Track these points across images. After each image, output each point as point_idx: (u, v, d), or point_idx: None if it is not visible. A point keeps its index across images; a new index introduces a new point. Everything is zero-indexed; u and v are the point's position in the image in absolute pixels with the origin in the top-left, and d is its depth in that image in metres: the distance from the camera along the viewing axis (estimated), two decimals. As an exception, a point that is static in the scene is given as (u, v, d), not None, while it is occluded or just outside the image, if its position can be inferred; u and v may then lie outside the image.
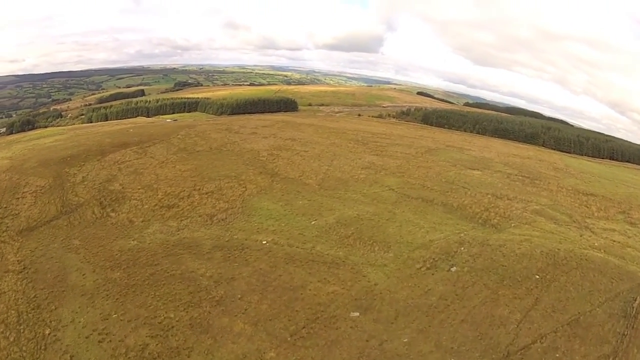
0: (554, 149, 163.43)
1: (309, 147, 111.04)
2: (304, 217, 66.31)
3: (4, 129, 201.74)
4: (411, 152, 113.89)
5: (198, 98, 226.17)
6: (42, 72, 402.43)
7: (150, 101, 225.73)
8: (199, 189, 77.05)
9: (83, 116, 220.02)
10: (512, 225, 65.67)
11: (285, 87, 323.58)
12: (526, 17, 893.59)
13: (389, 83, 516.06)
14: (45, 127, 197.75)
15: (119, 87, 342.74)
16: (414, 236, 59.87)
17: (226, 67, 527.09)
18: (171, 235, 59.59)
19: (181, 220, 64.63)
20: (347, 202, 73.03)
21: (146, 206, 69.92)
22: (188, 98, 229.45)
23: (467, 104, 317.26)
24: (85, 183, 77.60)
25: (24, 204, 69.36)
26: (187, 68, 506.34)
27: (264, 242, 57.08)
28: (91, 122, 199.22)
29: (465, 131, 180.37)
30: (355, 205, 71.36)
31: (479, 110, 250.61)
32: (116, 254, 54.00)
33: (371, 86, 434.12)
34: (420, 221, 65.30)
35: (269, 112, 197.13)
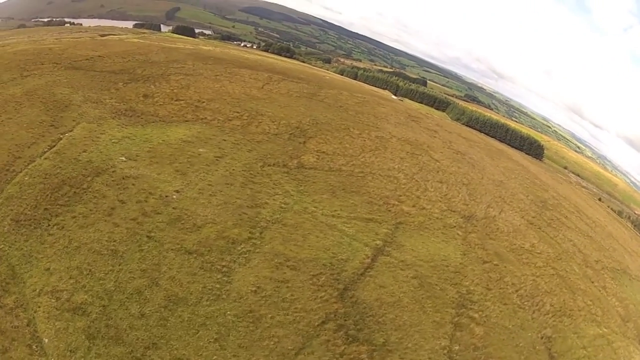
0: None
1: (449, 163, 63.67)
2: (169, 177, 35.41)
3: (254, 46, 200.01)
4: (590, 257, 55.67)
5: (451, 101, 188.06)
6: (354, 31, 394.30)
7: (404, 82, 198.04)
8: (200, 103, 53.09)
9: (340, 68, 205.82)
10: None
11: (556, 143, 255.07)
12: None
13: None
14: (302, 61, 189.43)
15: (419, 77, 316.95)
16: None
17: (531, 113, 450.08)
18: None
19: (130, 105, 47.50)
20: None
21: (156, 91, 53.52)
22: (446, 98, 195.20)
23: None
24: (167, 71, 63.09)
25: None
26: (494, 94, 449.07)
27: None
28: (341, 75, 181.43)
29: None
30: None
31: None
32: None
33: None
34: None
35: (505, 142, 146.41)
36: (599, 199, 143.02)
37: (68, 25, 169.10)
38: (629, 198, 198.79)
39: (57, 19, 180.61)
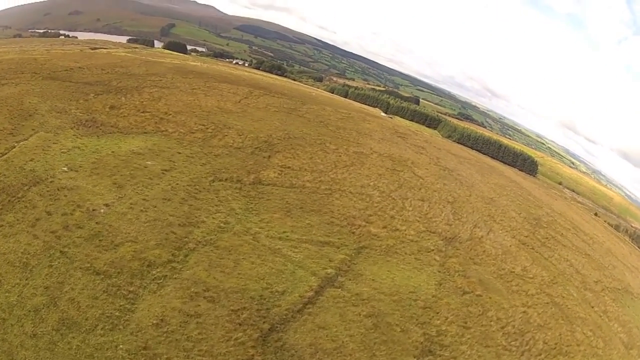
0: None
1: (427, 180, 58.75)
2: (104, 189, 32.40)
3: (247, 63, 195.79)
4: (588, 277, 50.59)
5: (442, 118, 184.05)
6: (349, 50, 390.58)
7: (396, 100, 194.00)
8: (167, 115, 50.10)
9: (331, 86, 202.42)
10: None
11: (550, 159, 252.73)
12: None
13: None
14: (293, 79, 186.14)
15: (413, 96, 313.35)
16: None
17: (525, 130, 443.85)
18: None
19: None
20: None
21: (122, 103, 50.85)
22: (437, 115, 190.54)
23: None
24: (143, 83, 60.91)
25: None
26: (488, 112, 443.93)
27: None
28: (331, 93, 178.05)
29: None
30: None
31: None
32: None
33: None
34: None
35: (498, 159, 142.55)
36: (595, 214, 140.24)
37: (62, 37, 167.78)
38: (625, 211, 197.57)
39: (53, 31, 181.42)
